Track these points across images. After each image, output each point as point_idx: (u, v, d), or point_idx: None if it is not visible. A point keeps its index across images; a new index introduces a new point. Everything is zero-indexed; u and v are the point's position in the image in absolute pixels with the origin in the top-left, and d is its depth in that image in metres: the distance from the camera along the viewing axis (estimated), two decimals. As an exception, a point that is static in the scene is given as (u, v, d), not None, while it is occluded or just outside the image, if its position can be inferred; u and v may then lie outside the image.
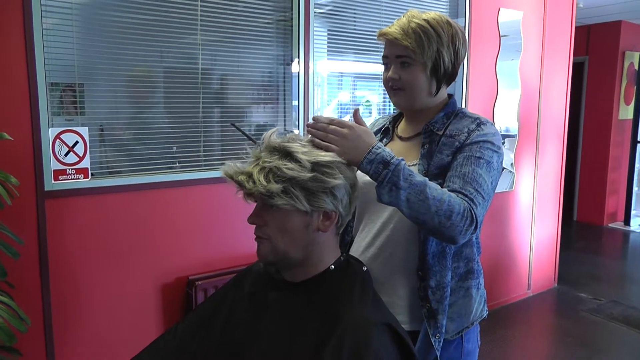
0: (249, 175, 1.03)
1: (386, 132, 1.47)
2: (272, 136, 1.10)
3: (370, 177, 1.14)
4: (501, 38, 3.62)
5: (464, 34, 1.36)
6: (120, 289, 2.32)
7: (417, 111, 1.38)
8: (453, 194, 1.16)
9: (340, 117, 3.09)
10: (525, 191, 4.04)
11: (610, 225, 6.53)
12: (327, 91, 3.04)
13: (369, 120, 1.43)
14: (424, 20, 1.29)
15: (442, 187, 1.19)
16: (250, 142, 1.25)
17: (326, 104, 3.07)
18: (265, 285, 1.20)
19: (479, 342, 1.47)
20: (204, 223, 2.54)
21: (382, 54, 1.36)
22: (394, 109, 3.44)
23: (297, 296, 1.12)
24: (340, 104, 3.15)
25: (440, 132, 1.32)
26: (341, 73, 3.11)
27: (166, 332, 1.26)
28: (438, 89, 1.34)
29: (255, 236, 1.12)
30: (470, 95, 3.41)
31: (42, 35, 2.01)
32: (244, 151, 1.13)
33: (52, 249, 2.13)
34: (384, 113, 3.34)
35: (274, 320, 1.12)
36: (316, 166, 1.05)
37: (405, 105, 1.37)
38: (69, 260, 2.18)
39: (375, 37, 1.37)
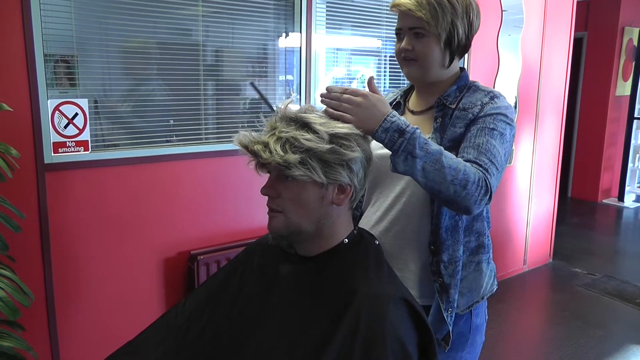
0: (265, 145, 1.01)
1: (397, 106, 1.44)
2: (288, 106, 1.08)
3: (385, 146, 1.11)
4: (503, 12, 3.58)
5: (477, 5, 1.34)
6: (122, 263, 2.31)
7: (428, 84, 1.36)
8: (468, 164, 1.14)
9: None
10: (524, 166, 4.04)
11: (604, 201, 6.58)
12: (324, 65, 3.00)
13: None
14: None
15: None
16: (267, 106, 1.22)
17: (322, 77, 3.03)
18: (276, 259, 1.18)
19: (487, 317, 1.47)
20: (206, 197, 2.52)
21: (379, 29, 1.33)
22: (389, 84, 3.42)
23: (310, 270, 1.10)
24: (335, 79, 3.11)
25: (453, 106, 1.30)
26: (337, 48, 3.06)
27: (174, 306, 1.25)
28: (451, 61, 1.32)
29: (267, 209, 1.10)
30: (471, 69, 3.37)
31: (40, 5, 1.95)
32: (244, 124, 1.10)
33: (53, 223, 2.10)
34: (377, 88, 3.29)
35: (286, 293, 1.10)
36: (334, 138, 1.03)
37: (417, 77, 1.34)
38: (70, 234, 2.16)
39: (374, 12, 1.34)
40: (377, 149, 1.23)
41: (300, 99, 2.78)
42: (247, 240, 2.59)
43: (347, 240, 1.12)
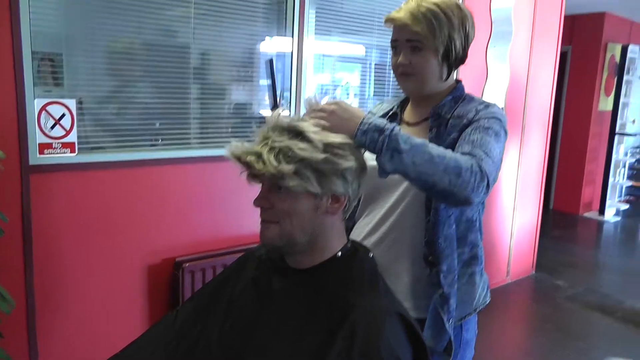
0: (259, 156, 0.98)
1: (394, 116, 1.43)
2: (279, 116, 1.06)
3: (367, 148, 1.09)
4: (492, 25, 3.61)
5: (472, 16, 1.33)
6: (106, 269, 2.26)
7: (425, 96, 1.35)
8: (457, 153, 1.12)
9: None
10: (509, 178, 4.07)
11: (585, 214, 6.66)
12: (312, 71, 2.97)
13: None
14: (434, 4, 1.25)
15: None
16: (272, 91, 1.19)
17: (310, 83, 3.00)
18: (268, 272, 1.16)
19: (476, 332, 1.47)
20: (192, 203, 2.48)
21: (370, 36, 1.32)
22: (374, 93, 3.42)
23: (303, 283, 1.08)
24: (321, 86, 3.09)
25: (448, 116, 1.30)
26: (323, 54, 3.04)
27: (164, 317, 1.22)
28: (449, 74, 1.32)
29: (260, 219, 1.08)
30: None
31: (29, 1, 1.91)
32: (233, 129, 1.08)
33: (36, 226, 2.05)
34: (362, 96, 3.29)
35: (280, 307, 1.08)
36: (328, 147, 1.01)
37: (415, 91, 1.34)
38: (53, 238, 2.10)
39: (364, 18, 1.33)
40: (371, 159, 1.21)
41: (290, 104, 2.75)
42: (234, 248, 2.55)
43: (340, 253, 1.10)
